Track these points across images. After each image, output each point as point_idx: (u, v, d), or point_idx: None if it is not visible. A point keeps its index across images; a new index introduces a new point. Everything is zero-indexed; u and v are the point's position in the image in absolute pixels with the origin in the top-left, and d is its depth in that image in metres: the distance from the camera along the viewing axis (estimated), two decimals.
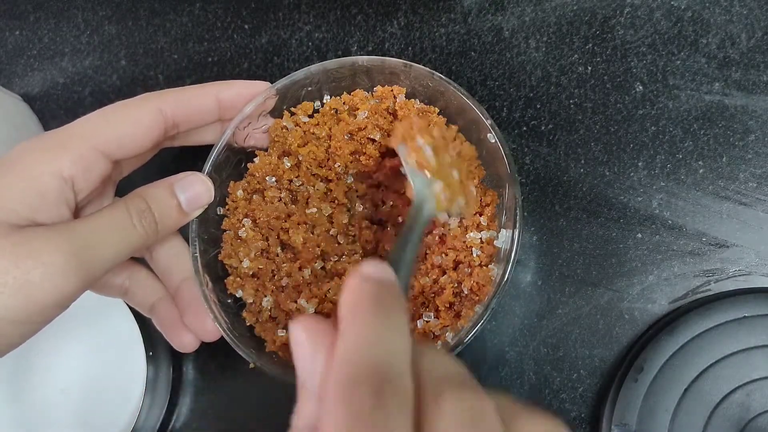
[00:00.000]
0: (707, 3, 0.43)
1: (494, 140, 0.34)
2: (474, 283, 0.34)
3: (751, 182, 0.41)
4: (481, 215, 0.36)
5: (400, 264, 0.26)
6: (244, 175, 0.37)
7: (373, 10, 0.45)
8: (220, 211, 0.36)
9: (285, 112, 0.37)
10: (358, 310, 0.21)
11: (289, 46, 0.45)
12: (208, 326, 0.34)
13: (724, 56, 0.42)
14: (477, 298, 0.34)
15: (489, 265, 0.35)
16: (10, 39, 0.47)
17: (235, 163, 0.37)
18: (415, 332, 0.34)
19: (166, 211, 0.32)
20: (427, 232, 0.32)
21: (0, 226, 0.27)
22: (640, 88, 0.42)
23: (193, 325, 0.34)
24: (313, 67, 0.36)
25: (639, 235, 0.41)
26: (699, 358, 0.37)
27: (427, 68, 0.35)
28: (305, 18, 0.45)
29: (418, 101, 0.37)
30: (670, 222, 0.41)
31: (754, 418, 0.36)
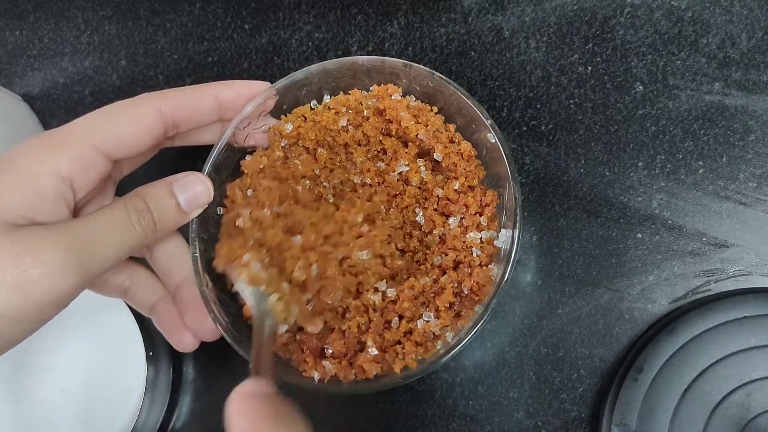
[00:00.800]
0: (707, 3, 0.43)
1: (494, 140, 0.34)
2: (474, 283, 0.34)
3: (751, 182, 0.41)
4: (481, 215, 0.36)
5: (266, 375, 0.28)
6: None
7: (373, 10, 0.45)
8: (220, 211, 0.36)
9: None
10: (259, 429, 0.24)
11: (289, 46, 0.45)
12: (208, 326, 0.34)
13: (724, 56, 0.42)
14: (477, 298, 0.34)
15: (489, 265, 0.35)
16: (10, 39, 0.47)
17: (235, 163, 0.37)
18: (414, 333, 0.34)
19: (165, 210, 0.32)
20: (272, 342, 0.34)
21: None
22: (640, 88, 0.42)
23: (194, 325, 0.34)
24: (313, 67, 0.36)
25: (639, 235, 0.41)
26: (699, 358, 0.37)
27: (427, 68, 0.35)
28: (305, 18, 0.45)
29: (413, 98, 0.37)
30: (670, 222, 0.41)
31: (754, 418, 0.36)
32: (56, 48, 0.47)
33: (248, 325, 0.36)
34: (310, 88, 0.37)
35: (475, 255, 0.35)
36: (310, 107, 0.38)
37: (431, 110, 0.37)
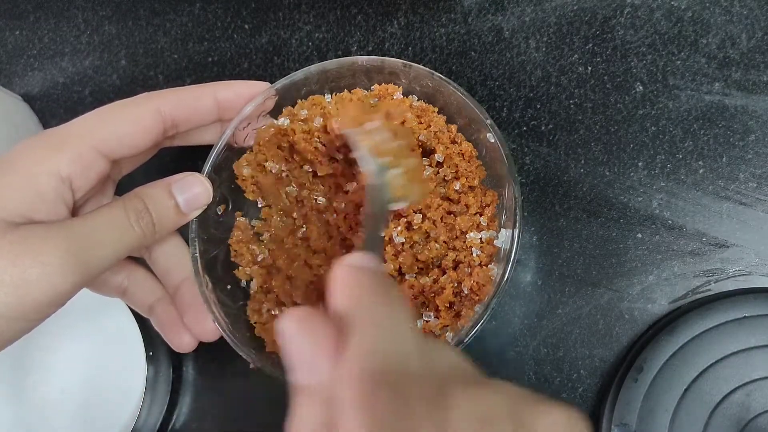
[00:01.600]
0: (707, 3, 0.43)
1: (494, 140, 0.34)
2: (474, 283, 0.34)
3: (751, 182, 0.41)
4: (481, 215, 0.36)
5: (376, 252, 0.25)
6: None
7: (373, 10, 0.45)
8: (220, 211, 0.36)
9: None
10: (364, 303, 0.21)
11: (289, 46, 0.45)
12: (208, 326, 0.34)
13: (724, 56, 0.42)
14: (477, 297, 0.34)
15: (489, 265, 0.35)
16: (10, 39, 0.47)
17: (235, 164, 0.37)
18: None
19: (163, 211, 0.32)
20: (390, 218, 0.31)
21: None
22: (640, 88, 0.42)
23: (193, 326, 0.34)
24: (313, 68, 0.36)
25: (639, 235, 0.41)
26: (699, 358, 0.37)
27: (427, 68, 0.35)
28: (305, 18, 0.45)
29: (415, 98, 0.37)
30: (670, 222, 0.41)
31: (754, 418, 0.36)
32: (56, 48, 0.47)
33: (249, 325, 0.36)
34: (310, 88, 0.37)
35: (475, 255, 0.35)
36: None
37: (433, 111, 0.37)
